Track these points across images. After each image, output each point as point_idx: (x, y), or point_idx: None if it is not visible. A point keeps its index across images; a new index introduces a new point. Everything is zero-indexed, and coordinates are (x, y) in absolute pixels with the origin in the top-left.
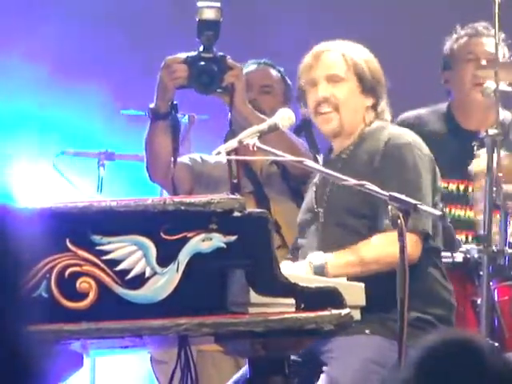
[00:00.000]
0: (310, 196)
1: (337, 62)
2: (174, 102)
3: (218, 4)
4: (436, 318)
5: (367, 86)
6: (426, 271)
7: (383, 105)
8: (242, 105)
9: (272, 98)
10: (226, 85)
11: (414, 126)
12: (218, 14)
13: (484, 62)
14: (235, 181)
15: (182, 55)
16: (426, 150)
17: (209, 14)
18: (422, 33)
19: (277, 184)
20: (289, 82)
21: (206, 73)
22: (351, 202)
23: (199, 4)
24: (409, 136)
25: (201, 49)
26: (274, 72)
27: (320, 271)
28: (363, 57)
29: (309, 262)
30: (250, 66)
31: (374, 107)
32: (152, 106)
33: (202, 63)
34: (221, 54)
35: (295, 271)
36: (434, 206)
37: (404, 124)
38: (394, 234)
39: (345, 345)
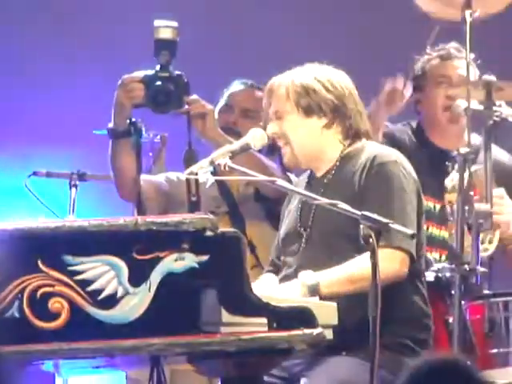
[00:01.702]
0: (293, 215)
1: (279, 98)
2: (133, 120)
3: (175, 24)
4: (414, 342)
5: (307, 108)
6: (409, 297)
7: (344, 120)
8: (214, 130)
9: (253, 123)
10: (182, 105)
11: (387, 142)
12: (174, 34)
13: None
14: (194, 198)
15: (139, 74)
16: (410, 169)
17: (165, 34)
18: (391, 52)
19: (252, 205)
20: None
21: (162, 92)
22: (339, 223)
23: (156, 23)
24: (395, 154)
25: (158, 68)
26: (259, 95)
27: (312, 291)
28: (303, 80)
29: (301, 282)
30: (236, 86)
31: (332, 125)
32: (110, 125)
33: (159, 82)
34: (178, 72)
35: (288, 292)
36: (418, 227)
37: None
38: (384, 251)
39: (320, 365)
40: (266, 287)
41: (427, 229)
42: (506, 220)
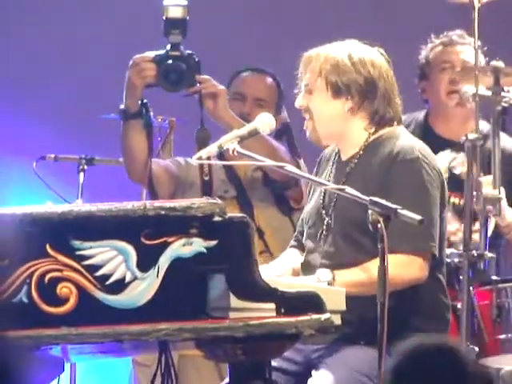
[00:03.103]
0: (317, 197)
1: (311, 72)
2: (144, 101)
3: (185, 2)
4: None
5: (337, 89)
6: (433, 292)
7: (370, 105)
8: (224, 111)
9: (265, 111)
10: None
11: None
12: (184, 12)
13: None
14: (206, 178)
15: (150, 54)
16: (433, 162)
17: (175, 13)
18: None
19: (260, 190)
20: (282, 89)
21: (173, 71)
22: (356, 214)
23: (165, 2)
24: (418, 149)
25: (168, 47)
26: (269, 81)
27: None
28: (337, 59)
29: (317, 277)
30: (247, 73)
31: (358, 109)
32: (122, 106)
33: (170, 61)
34: (188, 52)
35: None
36: (441, 220)
37: None
38: (403, 257)
39: (338, 354)
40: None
41: None
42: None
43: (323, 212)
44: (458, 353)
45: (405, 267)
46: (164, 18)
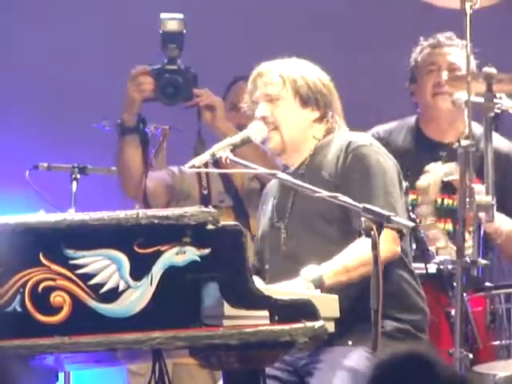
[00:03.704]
0: (267, 215)
1: (273, 82)
2: (142, 116)
3: (181, 15)
4: (412, 325)
5: (306, 99)
6: (399, 275)
7: (332, 116)
8: (222, 122)
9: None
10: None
11: (384, 140)
12: (181, 26)
13: (445, 74)
14: (205, 192)
15: (147, 68)
16: (384, 150)
17: (172, 26)
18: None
19: (256, 199)
20: None
21: (171, 84)
22: (319, 205)
23: (162, 16)
24: (367, 137)
25: (165, 61)
26: None
27: (318, 284)
28: (300, 71)
29: (305, 278)
30: (241, 83)
31: (322, 119)
32: (119, 120)
33: (167, 75)
34: (186, 65)
35: (292, 288)
36: (406, 208)
37: (374, 138)
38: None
39: (329, 357)
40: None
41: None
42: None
43: (277, 222)
44: (428, 359)
45: (382, 242)
46: (161, 31)
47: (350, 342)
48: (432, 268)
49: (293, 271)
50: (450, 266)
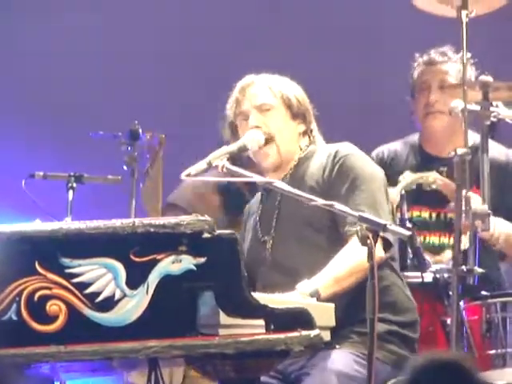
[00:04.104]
0: (252, 230)
1: (263, 92)
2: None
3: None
4: (400, 326)
5: (296, 112)
6: (390, 281)
7: (315, 131)
8: None
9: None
10: None
11: (390, 160)
12: None
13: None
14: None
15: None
16: (368, 157)
17: None
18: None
19: None
20: None
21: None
22: (310, 215)
23: None
24: (353, 147)
25: None
26: None
27: (314, 296)
28: (288, 86)
29: (302, 293)
30: None
31: (305, 133)
32: None
33: None
34: None
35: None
36: (392, 213)
37: (379, 158)
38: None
39: (317, 361)
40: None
41: (424, 239)
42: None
43: (261, 235)
44: (468, 369)
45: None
46: None
47: (337, 346)
48: (428, 277)
49: (282, 283)
50: (445, 275)
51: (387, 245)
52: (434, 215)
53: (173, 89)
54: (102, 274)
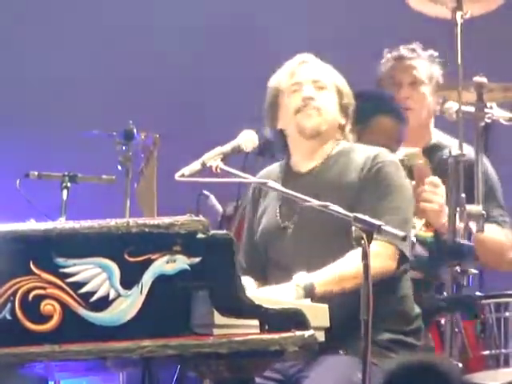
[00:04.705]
0: (271, 212)
1: (322, 71)
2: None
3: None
4: (406, 335)
5: (343, 103)
6: (401, 291)
7: (349, 128)
8: None
9: None
10: None
11: None
12: None
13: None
14: None
15: None
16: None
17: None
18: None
19: None
20: None
21: None
22: (326, 216)
23: None
24: (392, 154)
25: None
26: None
27: (309, 292)
28: (341, 77)
29: (296, 284)
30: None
31: (342, 128)
32: None
33: None
34: None
35: (282, 294)
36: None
37: None
38: (374, 248)
39: (319, 365)
40: (260, 291)
41: None
42: (433, 209)
43: (281, 222)
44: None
45: (375, 256)
46: None
47: (341, 352)
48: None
49: (300, 270)
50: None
51: (404, 258)
52: None
53: (168, 89)
54: (96, 274)
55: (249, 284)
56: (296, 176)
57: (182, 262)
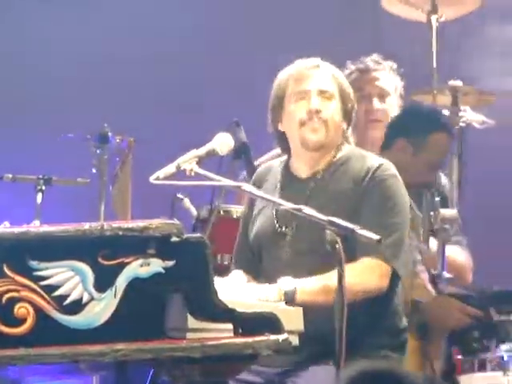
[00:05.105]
0: (268, 213)
1: (328, 80)
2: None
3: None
4: (391, 350)
5: (347, 109)
6: (394, 306)
7: (350, 131)
8: None
9: None
10: None
11: None
12: None
13: (376, 101)
14: None
15: None
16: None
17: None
18: None
19: None
20: None
21: None
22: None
23: None
24: (393, 167)
25: None
26: None
27: (290, 297)
28: (346, 81)
29: (278, 287)
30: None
31: (345, 132)
32: None
33: None
34: None
35: (264, 295)
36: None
37: None
38: (366, 264)
39: (309, 376)
40: (242, 287)
41: None
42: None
43: (278, 227)
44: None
45: (366, 274)
46: None
47: (331, 363)
48: None
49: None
50: None
51: (396, 277)
52: None
53: (143, 92)
54: (69, 277)
55: (239, 277)
56: (296, 180)
57: (156, 266)
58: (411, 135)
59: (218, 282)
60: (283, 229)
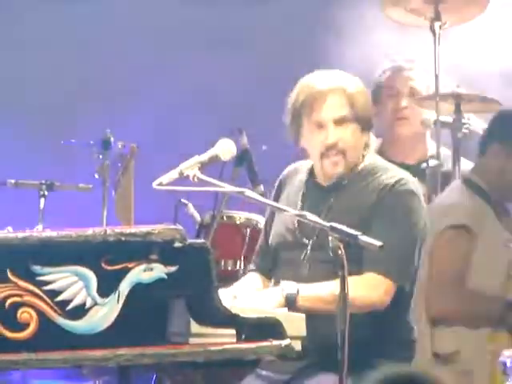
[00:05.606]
0: (288, 224)
1: (341, 103)
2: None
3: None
4: (397, 361)
5: (366, 124)
6: (405, 318)
7: (369, 139)
8: None
9: None
10: None
11: None
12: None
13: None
14: None
15: None
16: (422, 196)
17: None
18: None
19: None
20: None
21: None
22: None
23: None
24: (413, 182)
25: None
26: None
27: (291, 300)
28: (359, 90)
29: (281, 289)
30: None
31: (366, 142)
32: None
33: None
34: None
35: (266, 299)
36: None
37: None
38: (370, 279)
39: (312, 381)
40: (247, 291)
41: None
42: None
43: (301, 236)
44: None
45: (370, 288)
46: None
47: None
48: None
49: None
50: None
51: (403, 291)
52: None
53: (146, 99)
54: (73, 282)
55: (255, 280)
56: (317, 188)
57: (158, 271)
58: (504, 139)
59: (223, 292)
60: (304, 240)
